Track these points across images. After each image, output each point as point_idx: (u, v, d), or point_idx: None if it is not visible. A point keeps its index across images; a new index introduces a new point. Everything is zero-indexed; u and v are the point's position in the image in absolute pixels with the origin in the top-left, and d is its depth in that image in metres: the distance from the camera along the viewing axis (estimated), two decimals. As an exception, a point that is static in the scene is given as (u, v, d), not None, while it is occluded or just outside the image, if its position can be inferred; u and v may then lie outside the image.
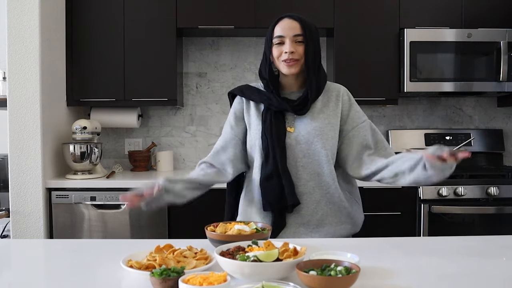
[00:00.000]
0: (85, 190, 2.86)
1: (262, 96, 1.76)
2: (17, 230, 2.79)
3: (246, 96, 1.80)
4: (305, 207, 1.71)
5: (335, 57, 3.19)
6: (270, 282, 1.03)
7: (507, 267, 1.30)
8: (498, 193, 2.82)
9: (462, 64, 3.13)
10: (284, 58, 1.69)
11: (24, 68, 2.78)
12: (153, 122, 3.54)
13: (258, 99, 1.77)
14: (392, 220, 2.85)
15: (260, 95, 1.77)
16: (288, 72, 1.71)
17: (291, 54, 1.68)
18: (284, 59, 1.69)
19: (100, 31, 3.14)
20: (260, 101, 1.77)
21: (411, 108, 3.57)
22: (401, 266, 1.28)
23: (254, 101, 1.79)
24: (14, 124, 2.78)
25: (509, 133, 3.58)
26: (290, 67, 1.70)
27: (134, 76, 3.15)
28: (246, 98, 1.80)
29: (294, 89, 1.78)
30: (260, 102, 1.77)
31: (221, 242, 1.33)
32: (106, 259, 1.37)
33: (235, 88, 1.85)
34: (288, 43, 1.69)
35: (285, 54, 1.69)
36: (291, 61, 1.69)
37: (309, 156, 1.71)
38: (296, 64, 1.70)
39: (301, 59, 1.70)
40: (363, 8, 3.18)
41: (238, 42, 3.55)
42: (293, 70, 1.70)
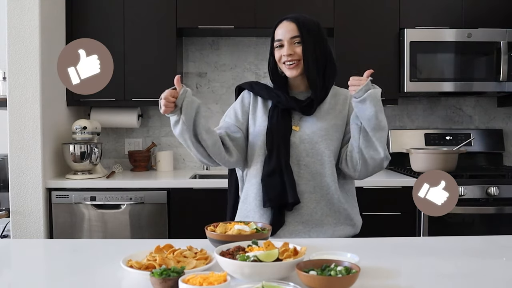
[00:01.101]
0: (85, 190, 2.86)
1: (271, 93, 1.78)
2: (17, 230, 2.79)
3: (255, 91, 1.82)
4: (305, 206, 1.71)
5: (335, 57, 3.18)
6: (270, 282, 1.03)
7: (507, 267, 1.30)
8: (498, 193, 2.82)
9: (462, 64, 3.13)
10: (283, 60, 1.73)
11: (24, 68, 2.78)
12: (153, 122, 3.54)
13: (267, 95, 1.78)
14: (392, 220, 2.85)
15: (269, 92, 1.78)
16: (290, 75, 1.74)
17: (290, 56, 1.71)
18: (284, 62, 1.73)
19: (100, 31, 3.14)
20: (268, 97, 1.78)
21: (411, 108, 3.57)
22: (401, 266, 1.28)
23: (262, 97, 1.81)
24: (14, 124, 2.78)
25: (509, 133, 3.58)
26: (291, 69, 1.73)
27: (134, 76, 3.15)
28: (254, 93, 1.82)
29: (301, 89, 1.80)
30: (268, 98, 1.78)
31: (221, 242, 1.33)
32: (106, 259, 1.37)
33: (245, 82, 1.87)
34: (286, 46, 1.72)
35: (284, 57, 1.72)
36: (291, 63, 1.71)
37: (312, 156, 1.72)
38: (297, 66, 1.72)
39: (301, 60, 1.71)
40: (363, 8, 3.18)
41: (238, 42, 3.55)
42: (294, 72, 1.73)
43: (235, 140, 1.76)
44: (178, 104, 1.60)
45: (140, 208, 2.86)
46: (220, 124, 1.83)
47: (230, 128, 1.78)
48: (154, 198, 2.85)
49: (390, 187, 2.82)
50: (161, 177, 3.09)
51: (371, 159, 1.67)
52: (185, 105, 1.59)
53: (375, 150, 1.65)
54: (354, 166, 1.71)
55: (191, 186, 2.85)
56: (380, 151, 1.65)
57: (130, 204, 2.85)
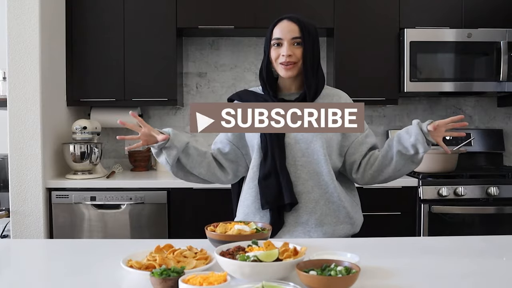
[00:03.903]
0: (85, 190, 2.86)
1: (258, 99, 1.77)
2: (17, 230, 2.79)
3: (244, 101, 1.81)
4: (304, 206, 1.71)
5: (335, 57, 3.19)
6: (270, 282, 1.03)
7: (507, 267, 1.30)
8: (498, 193, 2.82)
9: (462, 64, 3.13)
10: (281, 60, 1.71)
11: (24, 68, 2.78)
12: (153, 122, 3.54)
13: (255, 102, 1.78)
14: (392, 220, 2.85)
15: (257, 98, 1.78)
16: (285, 75, 1.72)
17: (289, 57, 1.69)
18: (282, 62, 1.70)
19: (100, 31, 3.14)
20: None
21: (411, 108, 3.57)
22: (401, 266, 1.28)
23: None
24: (14, 124, 2.78)
25: (509, 133, 3.58)
26: (287, 70, 1.71)
27: (134, 76, 3.15)
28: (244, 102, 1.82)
29: (292, 90, 1.79)
30: None
31: (221, 242, 1.33)
32: (106, 259, 1.37)
33: (233, 94, 1.89)
34: (286, 45, 1.70)
35: (282, 57, 1.70)
36: (289, 64, 1.70)
37: (308, 155, 1.71)
38: (294, 67, 1.71)
39: (299, 61, 1.71)
40: (363, 8, 3.18)
41: (238, 42, 3.55)
42: (290, 74, 1.72)
43: (226, 155, 1.82)
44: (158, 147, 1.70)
45: (140, 208, 2.86)
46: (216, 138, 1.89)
47: (222, 143, 1.84)
48: (154, 198, 2.85)
49: (390, 187, 2.82)
50: (161, 177, 3.08)
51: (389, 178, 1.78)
52: (166, 152, 1.69)
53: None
54: (365, 179, 1.79)
55: (191, 186, 2.84)
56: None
57: (130, 204, 2.85)
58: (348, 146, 1.78)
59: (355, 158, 1.77)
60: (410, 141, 1.64)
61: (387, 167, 1.74)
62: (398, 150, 1.69)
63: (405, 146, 1.67)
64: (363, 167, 1.77)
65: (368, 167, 1.76)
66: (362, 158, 1.78)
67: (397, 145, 1.69)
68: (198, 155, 1.76)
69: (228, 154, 1.82)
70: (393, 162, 1.72)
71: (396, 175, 1.76)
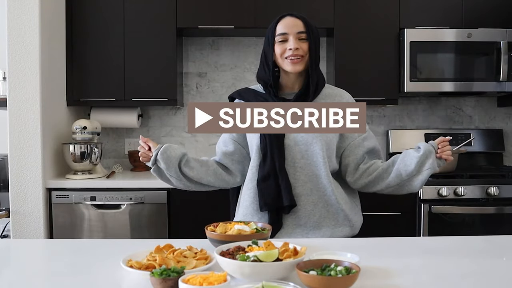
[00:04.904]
0: (85, 190, 2.86)
1: (258, 98, 1.76)
2: (17, 230, 2.79)
3: (245, 99, 1.80)
4: (302, 208, 1.70)
5: (335, 57, 3.19)
6: (270, 282, 1.03)
7: (507, 267, 1.30)
8: (498, 193, 2.82)
9: (462, 64, 3.12)
10: (288, 54, 1.68)
11: (24, 68, 2.78)
12: (153, 122, 3.54)
13: (255, 101, 1.77)
14: (392, 220, 2.85)
15: (257, 97, 1.77)
16: (292, 70, 1.69)
17: (296, 50, 1.67)
18: (288, 56, 1.68)
19: (100, 31, 3.14)
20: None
21: (411, 108, 3.57)
22: (401, 266, 1.28)
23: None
24: (14, 124, 2.78)
25: (509, 133, 3.58)
26: (295, 64, 1.68)
27: (134, 76, 3.15)
28: (244, 100, 1.81)
29: (295, 89, 1.77)
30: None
31: (221, 242, 1.33)
32: (106, 259, 1.37)
33: (234, 92, 1.88)
34: (292, 40, 1.68)
35: (289, 50, 1.68)
36: (296, 57, 1.68)
37: (307, 158, 1.70)
38: (301, 60, 1.69)
39: (306, 55, 1.69)
40: (363, 8, 3.18)
41: (238, 42, 3.55)
42: (297, 68, 1.69)
43: (231, 155, 1.80)
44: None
45: (140, 208, 2.86)
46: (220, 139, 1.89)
47: (226, 142, 1.82)
48: (154, 198, 2.85)
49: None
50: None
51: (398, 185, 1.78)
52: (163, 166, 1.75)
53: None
54: (357, 185, 1.79)
55: (191, 186, 2.85)
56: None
57: (130, 204, 2.85)
58: (344, 148, 1.77)
59: (349, 160, 1.76)
60: (417, 156, 1.67)
61: (382, 181, 1.74)
62: (397, 168, 1.72)
63: (407, 163, 1.70)
64: (360, 173, 1.75)
65: (365, 175, 1.75)
66: (360, 162, 1.76)
67: (400, 162, 1.72)
68: (201, 165, 1.75)
69: (233, 154, 1.80)
70: (389, 178, 1.73)
71: (386, 191, 1.78)
